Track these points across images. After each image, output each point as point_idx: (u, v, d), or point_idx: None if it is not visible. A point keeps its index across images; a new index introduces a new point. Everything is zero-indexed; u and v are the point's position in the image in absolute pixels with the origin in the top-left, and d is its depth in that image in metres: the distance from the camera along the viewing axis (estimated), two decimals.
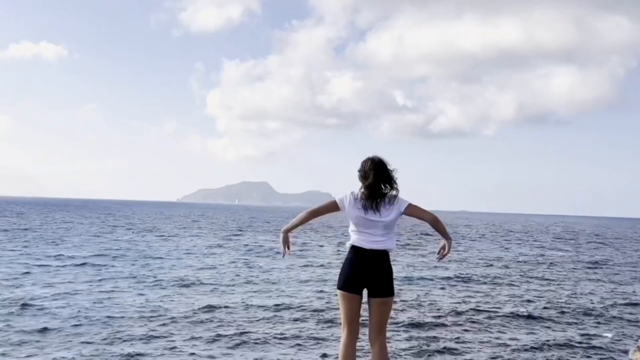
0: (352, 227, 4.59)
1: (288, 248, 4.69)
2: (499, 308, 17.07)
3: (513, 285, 22.65)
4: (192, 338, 12.21)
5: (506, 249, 43.23)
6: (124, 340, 11.84)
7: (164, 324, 13.43)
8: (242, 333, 12.64)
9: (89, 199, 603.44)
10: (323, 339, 12.09)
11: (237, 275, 22.67)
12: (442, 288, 21.15)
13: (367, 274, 4.35)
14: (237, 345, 11.71)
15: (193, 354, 11.06)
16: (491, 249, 41.96)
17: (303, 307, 15.98)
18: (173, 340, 11.95)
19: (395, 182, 4.49)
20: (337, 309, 5.28)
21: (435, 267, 27.80)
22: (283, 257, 4.81)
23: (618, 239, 66.11)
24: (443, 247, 4.82)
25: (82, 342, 11.59)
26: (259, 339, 12.13)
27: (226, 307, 15.74)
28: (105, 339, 11.92)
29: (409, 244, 43.57)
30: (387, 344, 4.73)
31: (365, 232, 4.44)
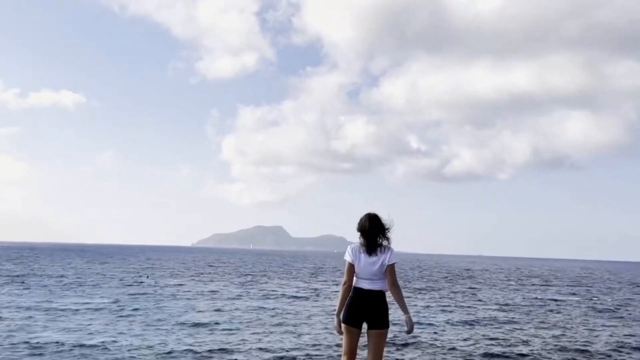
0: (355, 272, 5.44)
1: (341, 327, 5.40)
2: (510, 351, 17.12)
3: (525, 329, 22.60)
4: None
5: (522, 292, 42.92)
6: None
7: None
8: None
9: (106, 244, 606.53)
10: None
11: (252, 318, 22.90)
12: (457, 331, 21.19)
13: (366, 310, 5.17)
14: None
15: None
16: (507, 293, 41.69)
17: (313, 344, 16.23)
18: None
19: (387, 234, 5.39)
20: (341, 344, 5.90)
21: (451, 311, 27.83)
22: (341, 334, 5.50)
23: (634, 283, 65.21)
24: (406, 322, 5.45)
25: None
26: None
27: (240, 348, 16.01)
28: None
29: (424, 288, 43.49)
30: None
31: (363, 276, 5.27)
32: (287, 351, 15.96)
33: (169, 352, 15.46)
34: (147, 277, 48.12)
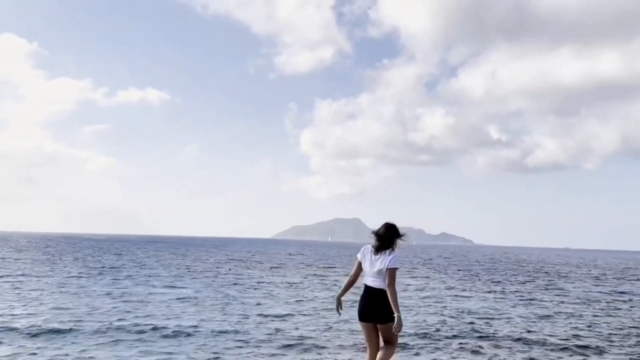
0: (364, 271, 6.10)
1: (341, 308, 6.11)
2: (584, 345, 16.85)
3: (601, 324, 21.98)
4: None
5: (607, 287, 41.39)
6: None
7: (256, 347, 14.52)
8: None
9: (190, 236, 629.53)
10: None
11: (328, 307, 23.52)
12: (533, 324, 20.94)
13: (371, 305, 5.86)
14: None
15: None
16: (590, 287, 40.33)
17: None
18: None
19: (398, 241, 5.75)
20: None
21: (527, 304, 27.42)
22: (339, 315, 6.24)
23: None
24: (396, 320, 5.96)
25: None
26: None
27: (317, 338, 16.66)
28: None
29: (503, 281, 42.81)
30: None
31: (369, 274, 5.98)
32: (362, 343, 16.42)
33: (247, 341, 16.29)
34: (230, 269, 49.93)
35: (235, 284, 34.71)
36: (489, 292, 34.22)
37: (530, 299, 30.40)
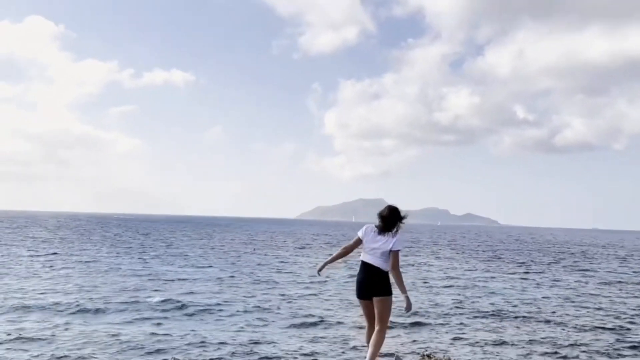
0: (363, 249, 6.28)
1: (320, 270, 6.51)
2: (610, 327, 16.78)
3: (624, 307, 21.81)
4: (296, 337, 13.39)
5: (631, 268, 40.88)
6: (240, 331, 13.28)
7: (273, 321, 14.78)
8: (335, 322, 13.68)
9: (214, 216, 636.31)
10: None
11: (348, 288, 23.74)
12: (558, 306, 20.89)
13: (370, 282, 6.00)
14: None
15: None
16: (615, 269, 39.88)
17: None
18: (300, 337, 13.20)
19: (401, 223, 6.22)
20: None
21: (553, 286, 27.30)
22: (319, 275, 6.40)
23: None
24: (405, 300, 6.16)
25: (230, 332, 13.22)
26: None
27: (342, 318, 16.88)
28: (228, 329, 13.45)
29: (528, 262, 42.57)
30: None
31: (369, 252, 6.11)
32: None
33: (270, 319, 16.58)
34: (254, 249, 50.45)
35: (259, 264, 35.11)
36: (513, 273, 34.09)
37: (555, 280, 30.23)
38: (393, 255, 6.03)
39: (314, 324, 15.95)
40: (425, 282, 27.16)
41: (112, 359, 11.78)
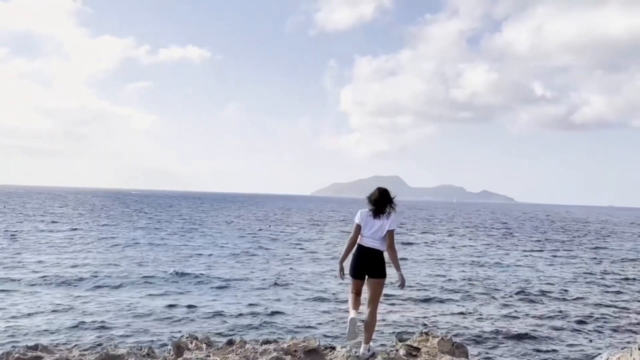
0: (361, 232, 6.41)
1: (343, 273, 6.42)
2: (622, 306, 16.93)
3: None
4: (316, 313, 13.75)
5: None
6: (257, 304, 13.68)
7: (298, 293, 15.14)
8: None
9: (229, 192, 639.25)
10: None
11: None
12: (570, 283, 21.02)
13: (367, 264, 6.18)
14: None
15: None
16: (632, 246, 39.76)
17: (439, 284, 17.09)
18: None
19: (393, 205, 6.44)
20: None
21: (570, 263, 27.39)
22: (342, 279, 6.48)
23: None
24: (399, 278, 6.29)
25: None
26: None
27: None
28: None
29: (544, 240, 42.57)
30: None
31: (366, 235, 6.26)
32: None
33: (283, 294, 16.97)
34: (270, 226, 50.92)
35: (274, 239, 35.53)
36: (527, 250, 34.18)
37: (569, 257, 30.30)
38: (389, 234, 6.24)
39: (327, 300, 16.29)
40: (437, 259, 27.39)
41: (130, 330, 12.19)
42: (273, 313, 14.17)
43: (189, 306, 14.66)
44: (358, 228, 6.35)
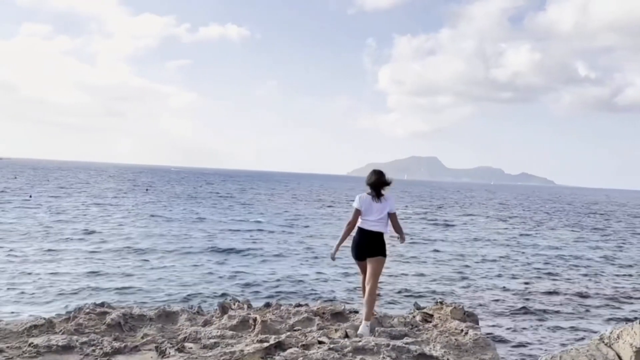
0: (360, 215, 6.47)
1: (335, 256, 6.50)
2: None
3: None
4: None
5: None
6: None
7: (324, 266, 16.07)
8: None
9: (267, 171, 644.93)
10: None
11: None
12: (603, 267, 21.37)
13: (368, 246, 6.29)
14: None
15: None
16: None
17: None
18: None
19: (388, 186, 6.48)
20: None
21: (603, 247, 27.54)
22: (333, 260, 6.66)
23: None
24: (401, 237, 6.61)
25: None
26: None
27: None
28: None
29: (579, 224, 42.41)
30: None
31: (366, 218, 6.35)
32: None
33: (313, 270, 17.90)
34: (305, 204, 52.00)
35: (307, 217, 36.49)
36: (559, 231, 34.32)
37: (602, 241, 30.38)
38: (392, 217, 6.40)
39: (353, 273, 17.14)
40: (468, 239, 27.91)
41: (179, 295, 13.34)
42: (305, 282, 15.41)
43: (232, 274, 16.03)
44: (357, 213, 6.45)
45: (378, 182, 6.41)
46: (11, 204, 34.60)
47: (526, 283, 17.02)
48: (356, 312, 6.54)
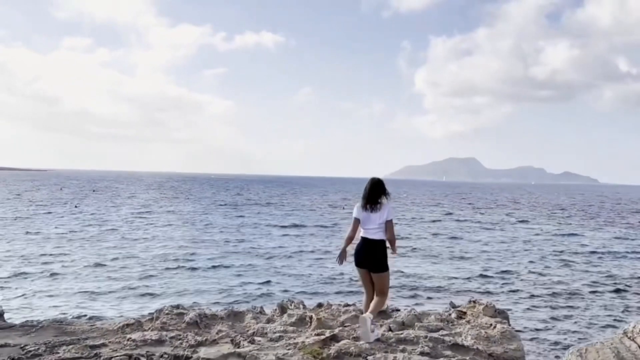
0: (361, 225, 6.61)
1: (345, 259, 6.59)
2: None
3: None
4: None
5: None
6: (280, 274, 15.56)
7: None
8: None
9: (305, 176, 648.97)
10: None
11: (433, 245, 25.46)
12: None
13: (369, 256, 6.46)
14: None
15: None
16: None
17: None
18: None
19: (386, 195, 6.65)
20: None
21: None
22: (340, 265, 6.56)
23: None
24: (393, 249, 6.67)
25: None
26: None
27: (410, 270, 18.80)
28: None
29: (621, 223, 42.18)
30: None
31: (366, 228, 6.54)
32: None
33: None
34: (344, 207, 52.91)
35: (345, 219, 37.39)
36: (602, 233, 34.30)
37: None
38: (388, 225, 6.50)
39: (393, 273, 17.95)
40: (506, 249, 28.31)
41: (237, 299, 14.45)
42: (346, 282, 16.33)
43: (282, 277, 17.29)
44: (357, 222, 6.54)
45: (372, 190, 6.61)
46: (59, 214, 36.86)
47: (560, 281, 17.57)
48: (397, 310, 7.40)
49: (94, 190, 77.19)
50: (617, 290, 16.70)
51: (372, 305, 6.27)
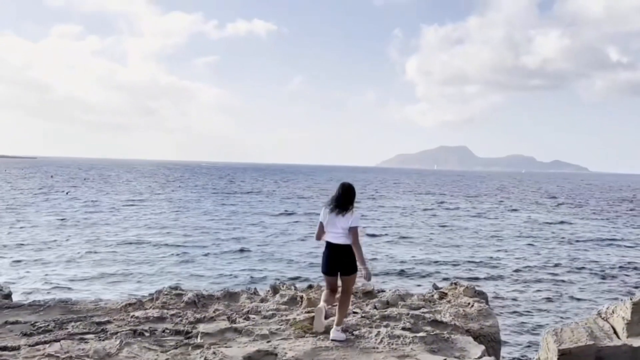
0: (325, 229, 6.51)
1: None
2: None
3: None
4: None
5: None
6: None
7: None
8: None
9: (296, 164, 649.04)
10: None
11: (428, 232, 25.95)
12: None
13: (336, 261, 6.41)
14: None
15: None
16: None
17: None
18: None
19: (353, 201, 6.55)
20: None
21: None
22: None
23: None
24: (363, 272, 6.41)
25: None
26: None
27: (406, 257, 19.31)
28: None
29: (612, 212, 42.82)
30: None
31: (330, 231, 6.43)
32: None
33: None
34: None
35: None
36: (585, 218, 34.91)
37: (626, 226, 30.99)
38: (353, 231, 6.38)
39: (381, 260, 18.47)
40: (493, 235, 28.86)
41: (231, 281, 14.89)
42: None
43: (272, 261, 17.81)
44: (321, 226, 6.51)
45: (342, 195, 6.49)
46: (49, 201, 37.25)
47: (545, 267, 18.17)
48: (383, 291, 7.87)
49: (85, 179, 77.24)
50: (601, 276, 17.30)
51: (338, 313, 6.24)
